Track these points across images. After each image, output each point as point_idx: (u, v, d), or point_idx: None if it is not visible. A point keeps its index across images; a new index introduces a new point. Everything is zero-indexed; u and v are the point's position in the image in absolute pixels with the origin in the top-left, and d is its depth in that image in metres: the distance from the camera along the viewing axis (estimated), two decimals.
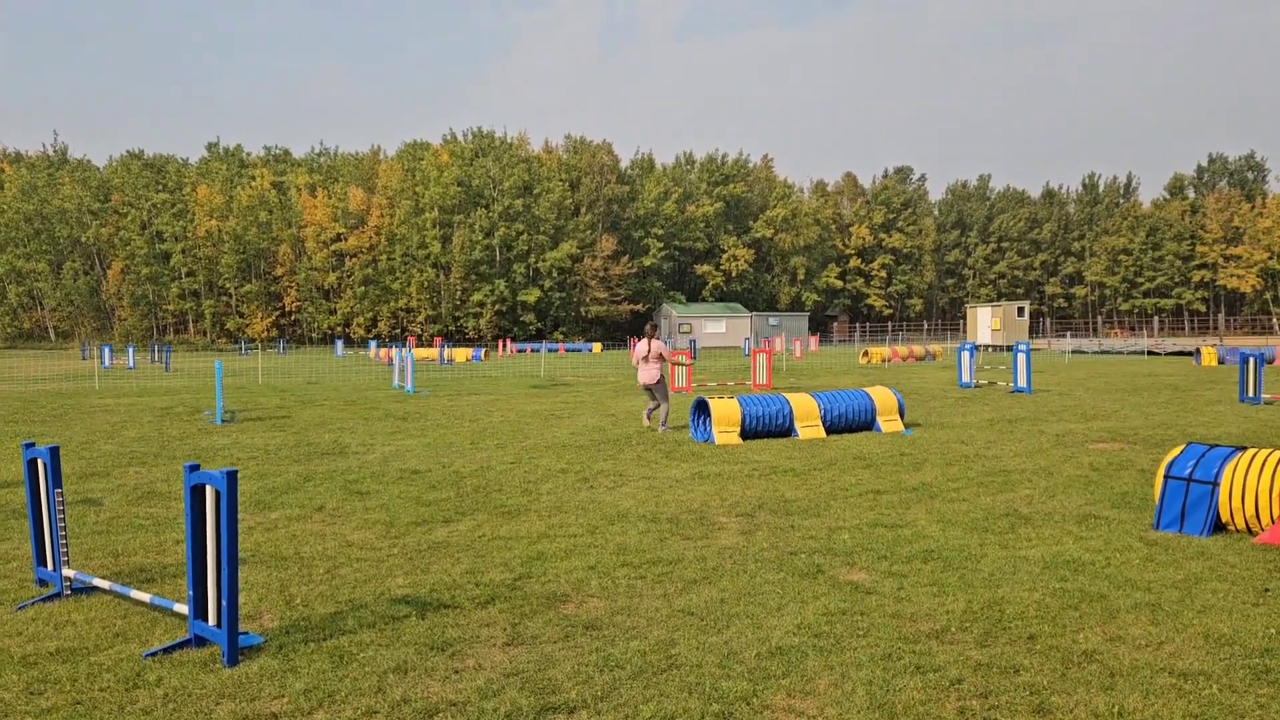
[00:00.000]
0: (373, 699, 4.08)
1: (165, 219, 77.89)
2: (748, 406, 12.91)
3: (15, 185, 79.07)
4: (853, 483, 9.42)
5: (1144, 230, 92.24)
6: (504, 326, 76.79)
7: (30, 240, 78.69)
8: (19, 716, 3.92)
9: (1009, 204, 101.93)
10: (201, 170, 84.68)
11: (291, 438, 13.51)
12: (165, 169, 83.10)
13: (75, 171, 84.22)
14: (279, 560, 6.51)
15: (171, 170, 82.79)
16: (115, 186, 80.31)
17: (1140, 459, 10.72)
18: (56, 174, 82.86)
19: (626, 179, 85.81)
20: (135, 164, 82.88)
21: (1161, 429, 13.61)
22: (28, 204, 78.04)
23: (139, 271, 77.83)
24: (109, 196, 79.75)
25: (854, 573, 6.06)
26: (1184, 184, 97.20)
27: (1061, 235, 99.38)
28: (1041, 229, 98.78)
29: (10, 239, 78.35)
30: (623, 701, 4.03)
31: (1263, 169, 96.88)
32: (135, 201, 78.69)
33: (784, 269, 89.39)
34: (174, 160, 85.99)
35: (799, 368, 34.43)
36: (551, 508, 8.33)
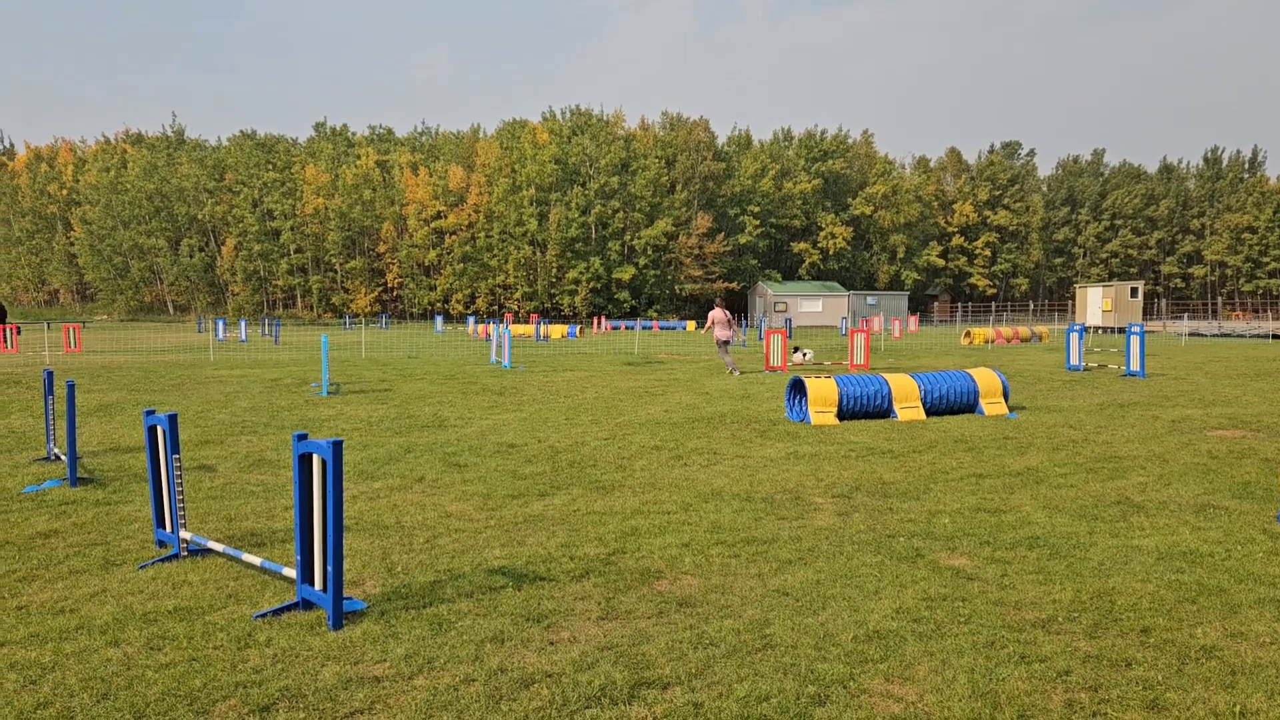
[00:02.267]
0: (470, 667, 4.15)
1: (275, 197, 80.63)
2: (845, 387, 12.71)
3: (138, 165, 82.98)
4: (953, 466, 9.19)
5: (1271, 207, 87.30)
6: (598, 304, 77.28)
7: (151, 218, 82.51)
8: (140, 670, 4.12)
9: (1124, 180, 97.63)
10: (309, 150, 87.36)
11: (393, 410, 13.85)
12: (275, 148, 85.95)
13: (192, 151, 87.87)
14: (381, 529, 6.68)
15: (281, 150, 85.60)
16: (229, 166, 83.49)
17: (1264, 447, 10.17)
18: (175, 154, 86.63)
19: (723, 156, 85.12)
20: (248, 144, 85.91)
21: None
22: (149, 183, 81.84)
23: (250, 248, 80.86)
24: (223, 175, 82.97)
25: (955, 558, 5.91)
26: None
27: (1180, 212, 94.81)
28: (1158, 206, 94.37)
29: (133, 216, 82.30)
30: (716, 680, 4.01)
31: None
32: (247, 180, 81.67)
33: (883, 247, 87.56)
34: (284, 140, 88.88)
35: (897, 348, 33.75)
36: (645, 484, 8.35)
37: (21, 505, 7.45)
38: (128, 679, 4.02)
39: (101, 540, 6.36)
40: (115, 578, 5.50)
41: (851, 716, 3.67)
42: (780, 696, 3.83)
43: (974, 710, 3.70)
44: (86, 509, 7.30)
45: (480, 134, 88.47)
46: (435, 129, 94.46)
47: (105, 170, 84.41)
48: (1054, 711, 3.69)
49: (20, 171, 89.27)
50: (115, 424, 12.29)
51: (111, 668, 4.14)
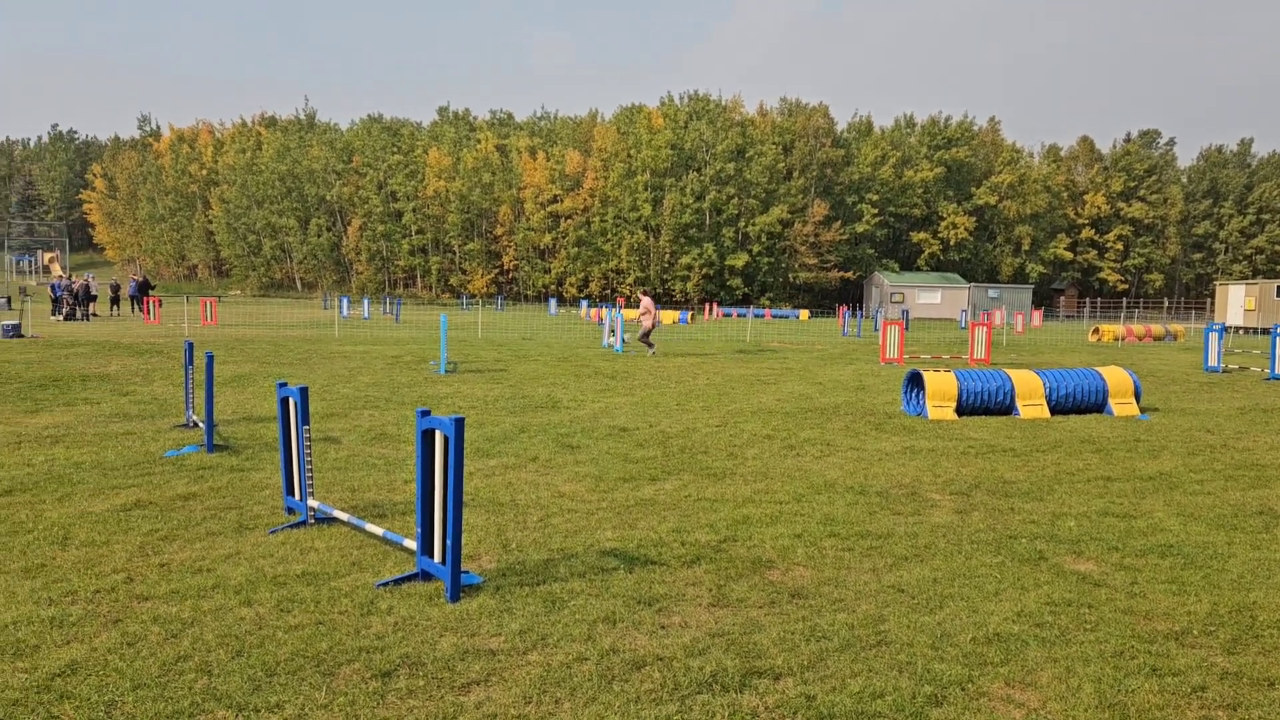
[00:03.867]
0: (583, 645, 4.20)
1: (399, 179, 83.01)
2: (965, 381, 12.34)
3: (271, 147, 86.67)
4: (1080, 467, 8.83)
5: None
6: (710, 290, 77.02)
7: (282, 198, 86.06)
8: (271, 630, 4.31)
9: (1273, 171, 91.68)
10: (432, 133, 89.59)
11: (508, 390, 14.12)
12: (400, 132, 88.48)
13: (322, 134, 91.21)
14: (496, 506, 6.82)
15: (406, 133, 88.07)
16: (356, 148, 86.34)
17: None
18: (306, 137, 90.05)
19: (842, 142, 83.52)
20: (375, 127, 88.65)
21: None
22: (281, 164, 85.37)
23: (374, 228, 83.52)
24: (351, 158, 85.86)
25: (1081, 562, 5.68)
26: None
27: None
28: None
29: (266, 196, 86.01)
30: (829, 673, 3.96)
31: None
32: (373, 162, 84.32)
33: (1007, 238, 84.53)
34: (408, 124, 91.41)
35: (1020, 343, 32.61)
36: (757, 473, 8.29)
37: (163, 468, 7.89)
38: (260, 638, 4.21)
39: (235, 505, 6.68)
40: (248, 541, 5.77)
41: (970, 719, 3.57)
42: (895, 694, 3.75)
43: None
44: (222, 474, 7.68)
45: (598, 119, 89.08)
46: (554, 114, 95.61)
47: (242, 152, 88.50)
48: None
49: (164, 153, 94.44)
50: (247, 394, 12.89)
51: (245, 626, 4.35)
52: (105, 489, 7.08)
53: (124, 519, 6.22)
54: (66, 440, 9.11)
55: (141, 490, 7.05)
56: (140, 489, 7.09)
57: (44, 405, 11.47)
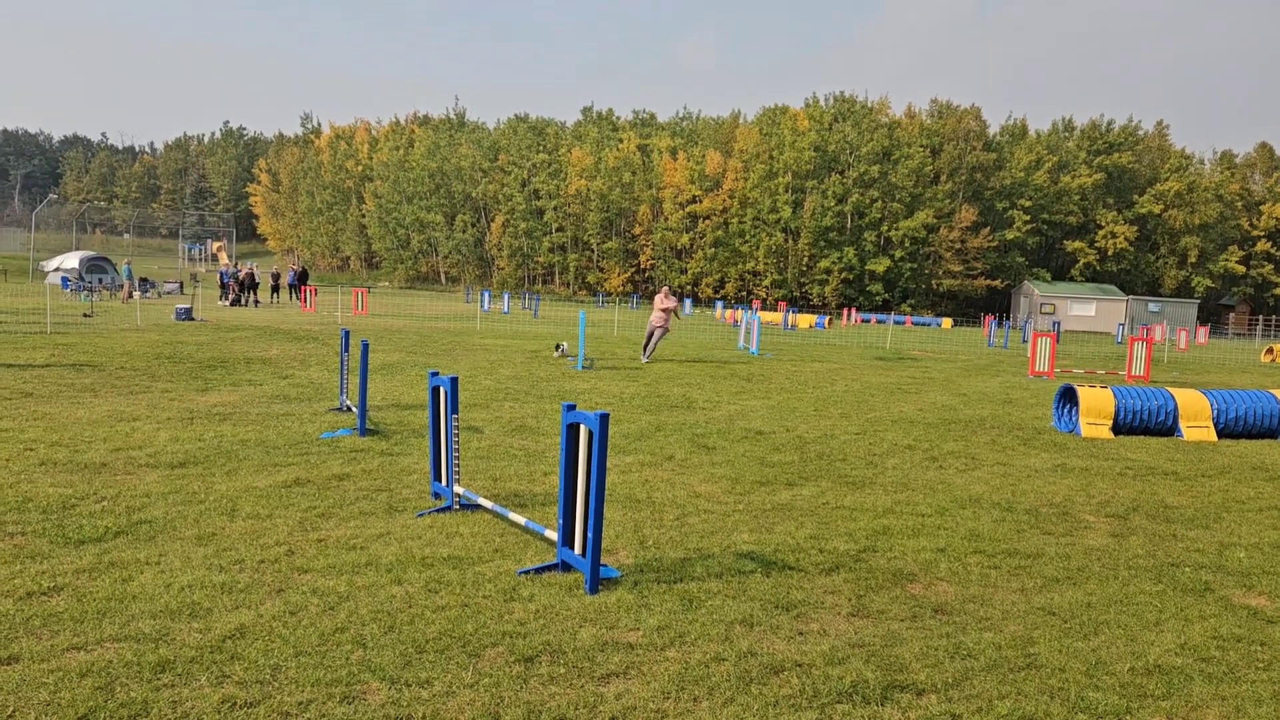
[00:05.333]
0: (720, 646, 4.19)
1: (542, 178, 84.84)
2: (1123, 399, 11.72)
3: (423, 145, 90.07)
4: (1251, 495, 8.25)
5: None
6: (849, 295, 75.61)
7: (431, 194, 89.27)
8: (420, 609, 4.47)
9: None
10: (576, 133, 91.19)
11: (643, 388, 14.23)
12: (545, 131, 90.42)
13: (470, 133, 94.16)
14: (633, 502, 6.88)
15: (550, 133, 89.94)
16: (502, 147, 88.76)
17: None
18: (455, 135, 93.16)
19: (994, 146, 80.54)
20: (521, 126, 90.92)
21: None
22: (431, 161, 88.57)
23: (517, 225, 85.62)
24: (497, 156, 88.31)
25: (1252, 597, 5.31)
26: None
27: None
28: None
29: (416, 192, 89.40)
30: (975, 693, 3.83)
31: None
32: (518, 161, 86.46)
33: (1172, 250, 79.72)
34: (553, 123, 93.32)
35: (1183, 361, 30.75)
36: (897, 483, 8.10)
37: (319, 449, 8.30)
38: (410, 616, 4.38)
39: (386, 487, 6.97)
40: (398, 522, 6.00)
41: None
42: (1046, 719, 3.60)
43: None
44: (373, 458, 8.02)
45: (740, 120, 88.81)
46: (696, 114, 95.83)
47: (395, 149, 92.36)
48: None
49: (323, 149, 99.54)
50: (396, 382, 13.42)
51: (396, 604, 4.53)
52: (268, 466, 7.50)
53: (285, 495, 6.57)
54: (233, 418, 9.69)
55: (300, 469, 7.44)
56: (299, 467, 7.48)
57: (213, 385, 12.24)
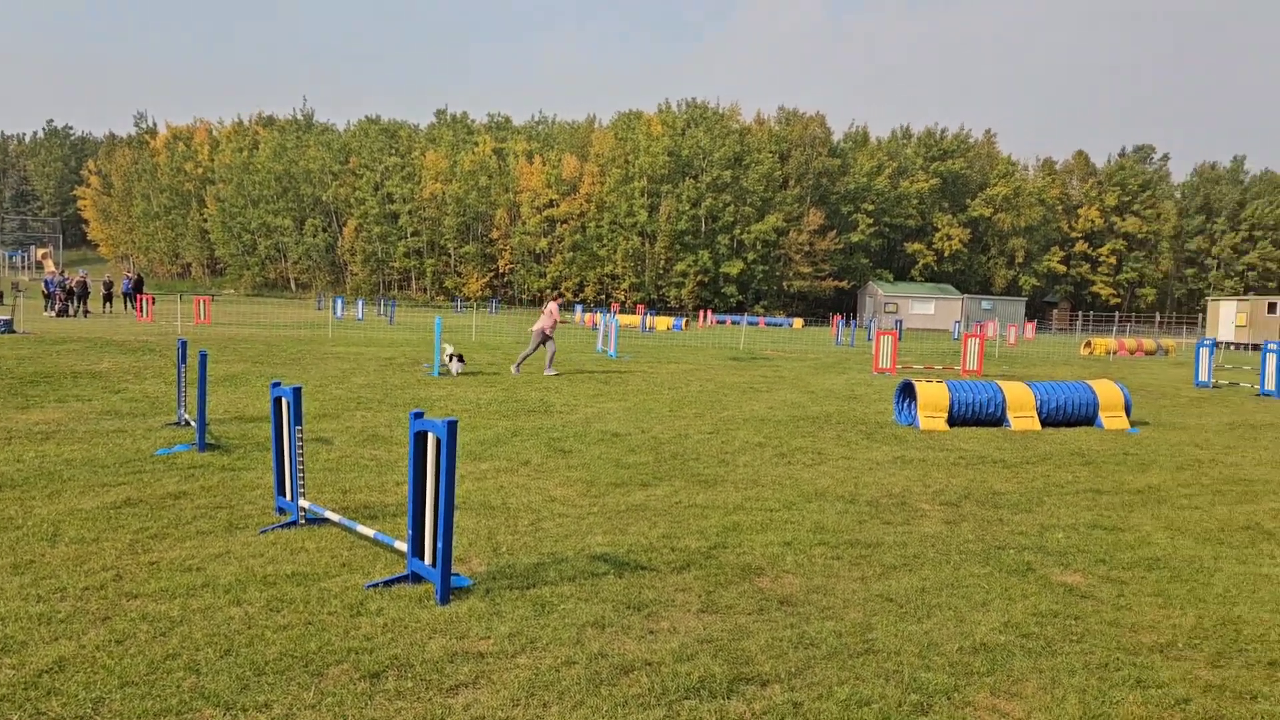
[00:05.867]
0: (571, 649, 4.22)
1: (395, 181, 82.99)
2: (956, 392, 12.39)
3: (268, 147, 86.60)
4: (1069, 480, 8.87)
5: None
6: (705, 297, 77.10)
7: (278, 198, 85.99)
8: (260, 629, 4.32)
9: (1266, 189, 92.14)
10: (430, 136, 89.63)
11: (500, 394, 14.13)
12: (398, 134, 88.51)
13: (320, 135, 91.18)
14: (487, 509, 6.83)
15: (403, 135, 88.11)
16: (353, 149, 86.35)
17: None
18: (304, 137, 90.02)
19: (838, 152, 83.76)
20: (372, 129, 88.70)
21: None
22: (278, 164, 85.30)
23: (370, 230, 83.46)
24: (348, 159, 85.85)
25: (1068, 574, 5.71)
26: None
27: None
28: None
29: (262, 196, 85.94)
30: (816, 680, 3.98)
31: None
32: (370, 164, 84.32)
33: (1001, 250, 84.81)
34: (406, 126, 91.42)
35: (1012, 355, 32.72)
36: (748, 480, 8.32)
37: (154, 466, 7.88)
38: (249, 637, 4.21)
39: (226, 504, 6.68)
40: (238, 540, 5.77)
41: None
42: (882, 702, 3.78)
43: None
44: (213, 473, 7.68)
45: (596, 124, 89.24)
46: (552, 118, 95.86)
47: (238, 151, 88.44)
48: None
49: (160, 150, 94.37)
50: (240, 394, 12.88)
51: (234, 626, 4.35)
52: (96, 486, 7.07)
53: (114, 516, 6.21)
54: (57, 437, 9.09)
55: (132, 488, 7.04)
56: (131, 487, 7.09)
57: (35, 402, 11.45)
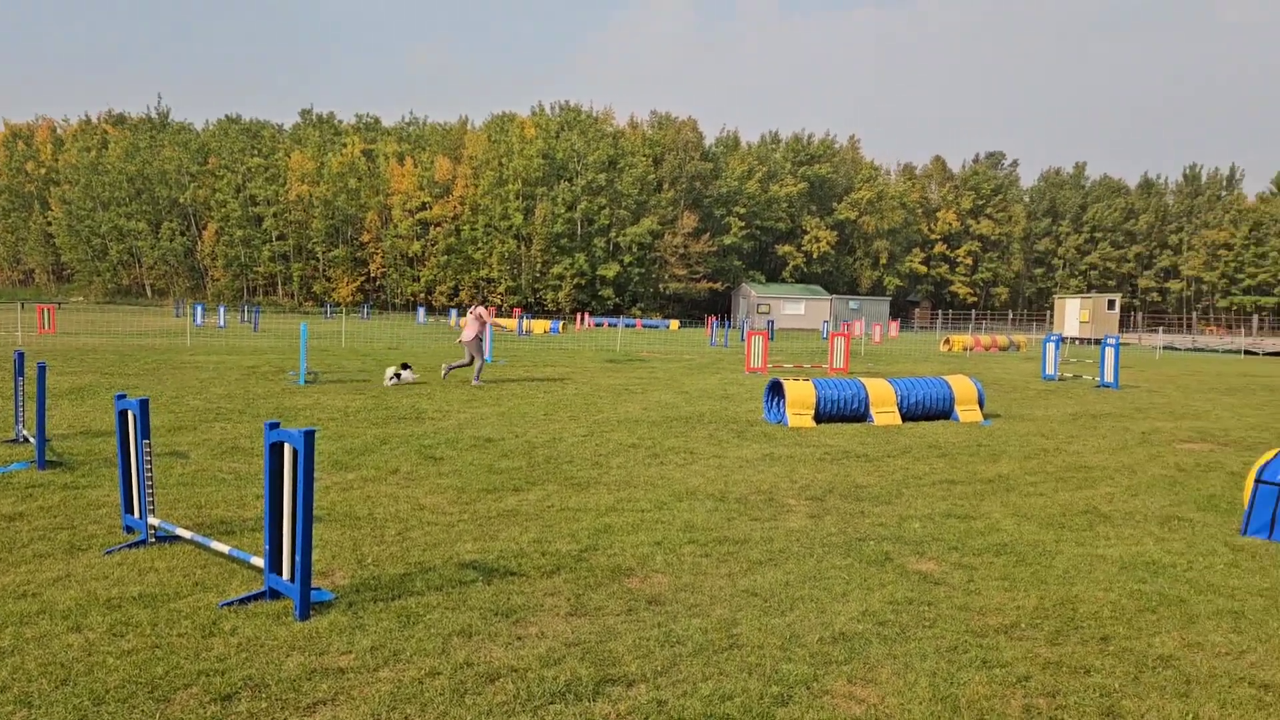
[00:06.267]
0: (436, 660, 4.15)
1: (259, 183, 80.00)
2: (823, 390, 12.76)
3: (119, 146, 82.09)
4: (926, 471, 9.26)
5: (1247, 225, 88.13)
6: (582, 300, 77.19)
7: (131, 200, 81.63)
8: (101, 656, 4.09)
9: (1105, 193, 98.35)
10: (295, 136, 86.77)
11: (370, 401, 13.80)
12: (260, 134, 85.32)
13: (176, 134, 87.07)
14: (353, 520, 6.66)
15: (266, 135, 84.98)
16: (213, 150, 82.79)
17: (1230, 461, 10.30)
18: (158, 136, 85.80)
19: (710, 156, 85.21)
20: (233, 128, 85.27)
21: (1255, 431, 13.06)
22: (130, 165, 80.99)
23: (232, 233, 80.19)
24: (207, 159, 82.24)
25: (923, 562, 5.96)
26: None
27: (1158, 227, 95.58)
28: (1137, 220, 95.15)
29: (113, 198, 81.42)
30: (682, 678, 4.04)
31: None
32: (231, 165, 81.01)
33: (866, 252, 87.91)
34: (269, 126, 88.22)
35: (878, 353, 33.91)
36: (621, 482, 8.37)
37: None
38: (88, 665, 3.99)
39: (68, 524, 6.31)
40: (80, 563, 5.46)
41: (813, 717, 3.70)
42: (744, 696, 3.86)
43: (933, 713, 3.74)
44: (54, 493, 7.24)
45: (468, 126, 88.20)
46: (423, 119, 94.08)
47: (85, 150, 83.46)
48: (1011, 716, 3.74)
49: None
50: (87, 407, 12.19)
51: (72, 653, 4.11)
52: None
53: None
54: None
55: None
56: None
57: None
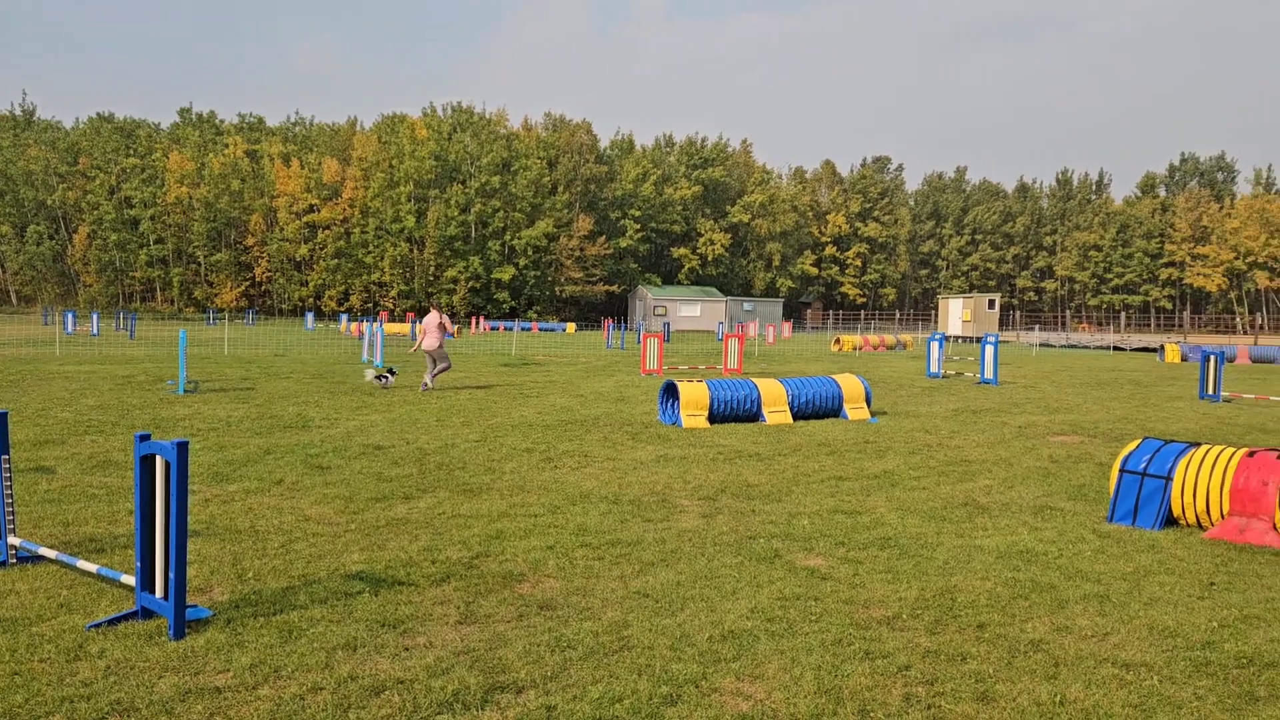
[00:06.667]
0: (319, 675, 4.04)
1: (135, 184, 76.67)
2: (716, 391, 12.92)
3: None
4: (816, 469, 9.46)
5: (1115, 227, 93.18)
6: (477, 304, 76.43)
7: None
8: None
9: (984, 197, 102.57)
10: (173, 136, 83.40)
11: (254, 410, 13.37)
12: (136, 133, 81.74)
13: (42, 133, 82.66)
14: (233, 534, 6.43)
15: (142, 135, 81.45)
16: (84, 150, 78.89)
17: (1098, 452, 10.84)
18: (23, 135, 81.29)
19: (605, 159, 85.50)
20: (105, 127, 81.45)
21: (1121, 423, 13.78)
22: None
23: (106, 237, 76.61)
24: (77, 159, 78.31)
25: (811, 558, 6.09)
26: (1155, 182, 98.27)
27: (1034, 229, 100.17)
28: (1015, 223, 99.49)
29: None
30: (572, 682, 4.02)
31: (1232, 170, 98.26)
32: (104, 165, 77.37)
33: (760, 254, 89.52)
34: (145, 125, 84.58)
35: (771, 353, 34.53)
36: (514, 487, 8.30)
37: None
38: None
39: None
40: None
41: (701, 716, 3.74)
42: (633, 698, 3.87)
43: (818, 706, 3.82)
44: None
45: (358, 127, 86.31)
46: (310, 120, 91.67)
47: None
48: (892, 705, 3.85)
49: None
50: None
51: None
52: None
53: None
54: None
55: None
56: None
57: None
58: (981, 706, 3.85)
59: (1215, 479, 6.89)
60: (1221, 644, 4.59)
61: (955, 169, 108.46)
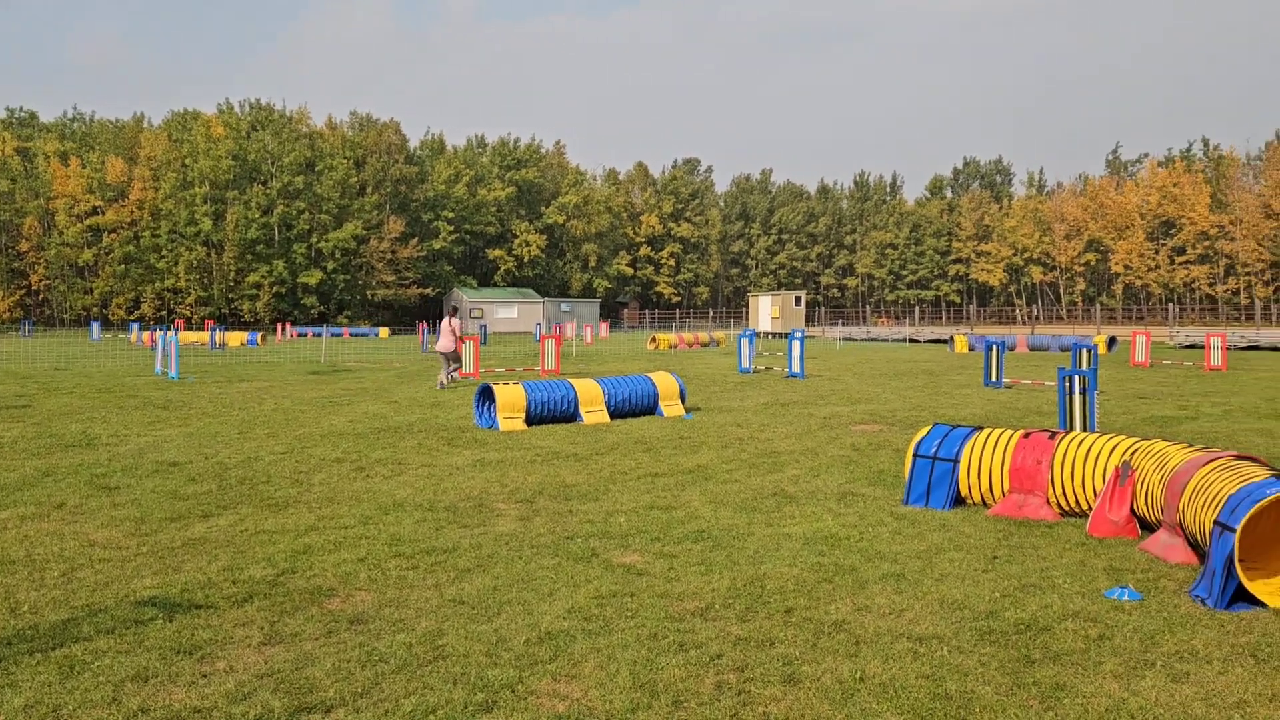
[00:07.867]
0: (105, 710, 3.76)
1: None
2: (533, 392, 12.90)
3: None
4: (632, 466, 9.61)
5: (908, 226, 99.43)
6: (283, 309, 73.08)
7: None
8: None
9: (789, 198, 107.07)
10: None
11: (31, 429, 12.29)
12: None
13: None
14: (6, 564, 5.89)
15: None
16: None
17: (895, 439, 11.53)
18: None
19: (415, 160, 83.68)
20: None
21: (915, 411, 14.71)
22: None
23: None
24: None
25: (628, 555, 6.18)
26: (943, 184, 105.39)
27: (835, 229, 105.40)
28: (818, 223, 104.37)
29: None
30: (384, 697, 3.92)
31: (1009, 173, 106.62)
32: None
33: (576, 255, 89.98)
34: None
35: (589, 353, 34.78)
36: (323, 499, 8.00)
37: None
38: None
39: None
40: None
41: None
42: (448, 707, 3.81)
43: (633, 700, 3.88)
44: None
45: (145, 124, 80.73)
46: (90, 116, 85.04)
47: None
48: (705, 694, 3.96)
49: None
50: None
51: None
52: None
53: None
54: None
55: None
56: None
57: None
58: (788, 688, 4.02)
59: (997, 460, 7.47)
60: (1002, 613, 4.98)
61: (761, 171, 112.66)
